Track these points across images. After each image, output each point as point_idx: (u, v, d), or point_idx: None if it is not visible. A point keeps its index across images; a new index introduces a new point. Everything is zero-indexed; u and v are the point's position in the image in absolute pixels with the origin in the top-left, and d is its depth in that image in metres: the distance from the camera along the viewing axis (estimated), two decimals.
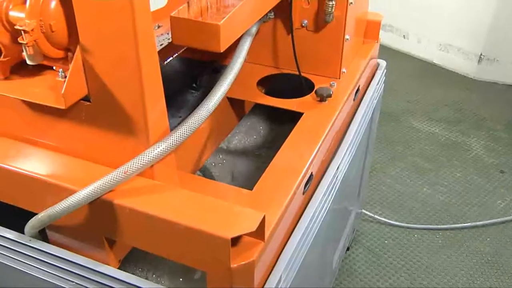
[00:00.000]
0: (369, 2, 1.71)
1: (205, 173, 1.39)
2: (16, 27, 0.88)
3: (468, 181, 2.75)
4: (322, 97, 1.39)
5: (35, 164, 1.05)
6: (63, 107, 0.93)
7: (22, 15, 0.90)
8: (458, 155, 2.95)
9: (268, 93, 1.49)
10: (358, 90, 1.58)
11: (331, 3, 1.38)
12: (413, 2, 3.83)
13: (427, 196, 2.64)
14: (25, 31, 0.87)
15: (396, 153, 2.95)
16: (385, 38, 3.95)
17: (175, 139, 0.96)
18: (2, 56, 0.98)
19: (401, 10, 3.87)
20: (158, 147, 0.95)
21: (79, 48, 0.91)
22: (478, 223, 2.46)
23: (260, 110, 1.58)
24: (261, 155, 1.44)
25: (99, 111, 0.98)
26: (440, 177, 2.77)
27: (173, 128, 1.00)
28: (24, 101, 1.03)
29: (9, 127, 1.11)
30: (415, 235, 2.41)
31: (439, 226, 2.45)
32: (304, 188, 1.18)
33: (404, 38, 4.04)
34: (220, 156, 1.44)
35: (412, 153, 2.95)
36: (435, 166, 2.85)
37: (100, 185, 0.93)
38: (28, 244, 1.07)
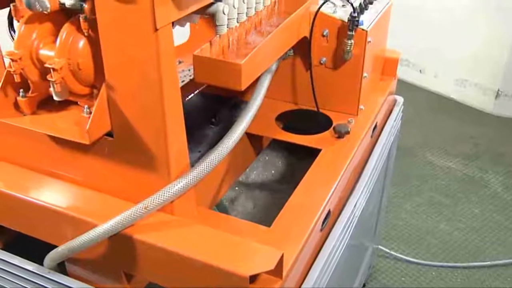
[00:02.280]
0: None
1: (222, 208, 1.39)
2: (46, 65, 0.91)
3: (487, 218, 2.71)
4: (340, 134, 1.40)
5: (56, 197, 1.07)
6: (87, 142, 0.95)
7: (51, 53, 0.94)
8: (476, 191, 2.91)
9: (286, 128, 1.50)
10: (375, 126, 1.59)
11: (349, 42, 1.40)
12: (430, 37, 3.85)
13: (445, 232, 2.60)
14: (54, 69, 0.90)
15: (412, 188, 2.92)
16: (402, 72, 3.95)
17: (196, 175, 0.97)
18: (30, 92, 1.02)
19: (418, 45, 3.89)
20: (179, 183, 0.96)
21: (104, 86, 0.94)
22: (498, 262, 2.41)
23: (278, 145, 1.58)
24: (279, 190, 1.44)
25: (122, 146, 1.00)
26: (458, 213, 2.73)
27: (192, 163, 1.02)
28: (48, 135, 1.06)
29: (33, 160, 1.13)
30: (433, 273, 2.37)
31: (457, 264, 2.41)
32: (322, 225, 1.18)
33: (421, 72, 4.05)
34: (237, 190, 1.45)
35: (428, 188, 2.92)
36: (452, 202, 2.82)
37: (121, 220, 0.95)
38: (47, 276, 1.08)
